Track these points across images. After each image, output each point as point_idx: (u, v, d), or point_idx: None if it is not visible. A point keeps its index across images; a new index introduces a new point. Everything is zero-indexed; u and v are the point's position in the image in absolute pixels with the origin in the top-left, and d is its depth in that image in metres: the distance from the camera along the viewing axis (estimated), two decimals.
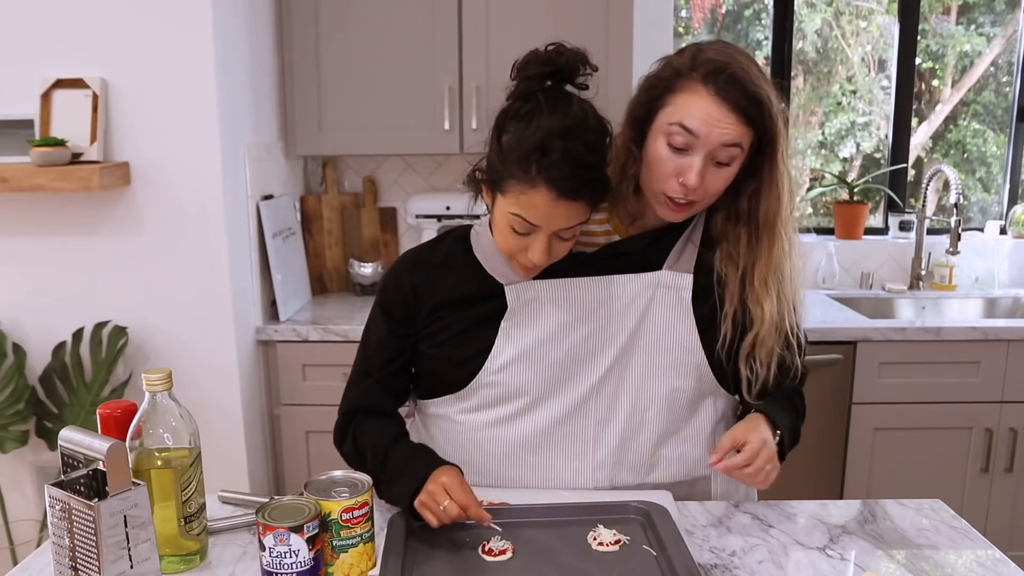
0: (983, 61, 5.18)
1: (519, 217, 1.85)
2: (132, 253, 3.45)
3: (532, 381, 2.02)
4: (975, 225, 5.07)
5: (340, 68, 4.06)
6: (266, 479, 3.91)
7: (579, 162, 1.80)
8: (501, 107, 1.89)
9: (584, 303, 2.02)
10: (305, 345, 3.79)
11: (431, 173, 4.64)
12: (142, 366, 3.52)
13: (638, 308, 2.03)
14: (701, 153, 1.86)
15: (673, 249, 2.06)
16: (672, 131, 1.87)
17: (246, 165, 3.65)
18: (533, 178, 1.79)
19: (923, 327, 3.87)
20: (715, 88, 1.83)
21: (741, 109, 1.84)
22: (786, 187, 1.95)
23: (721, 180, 1.92)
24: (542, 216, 1.84)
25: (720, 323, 2.02)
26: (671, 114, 1.88)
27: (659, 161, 1.91)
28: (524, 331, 2.02)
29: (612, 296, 2.03)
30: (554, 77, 1.86)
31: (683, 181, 1.89)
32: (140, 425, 1.70)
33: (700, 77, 1.85)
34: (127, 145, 3.36)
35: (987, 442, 3.95)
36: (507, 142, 1.83)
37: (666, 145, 1.89)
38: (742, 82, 1.83)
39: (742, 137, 1.87)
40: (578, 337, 2.02)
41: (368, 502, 1.71)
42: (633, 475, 2.07)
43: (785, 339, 2.04)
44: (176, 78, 3.32)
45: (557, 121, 1.79)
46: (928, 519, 2.03)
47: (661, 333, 2.04)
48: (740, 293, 2.01)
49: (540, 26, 3.97)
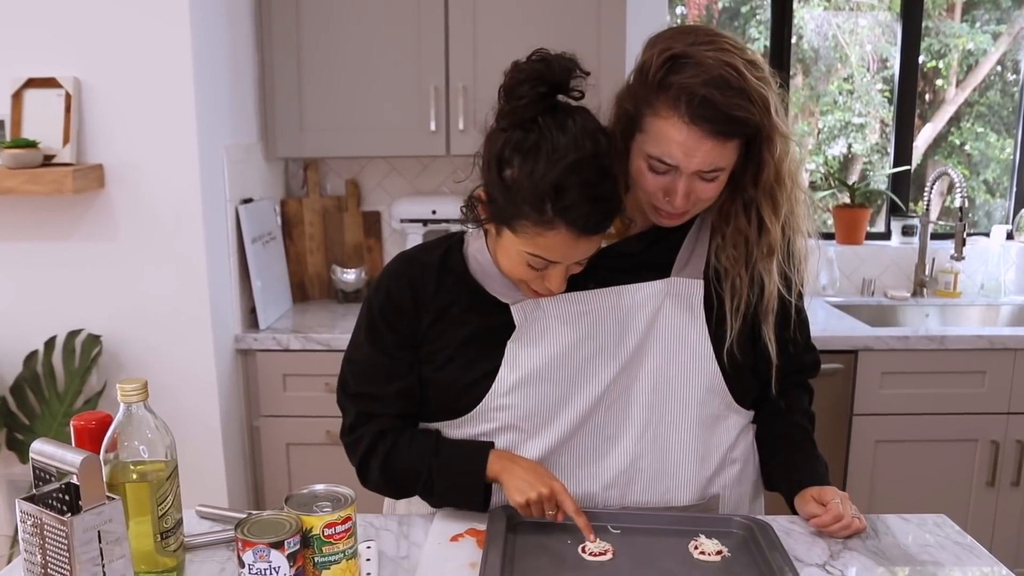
0: (988, 60, 5.20)
1: (536, 256, 1.84)
2: (106, 259, 3.44)
3: (542, 402, 2.00)
4: (981, 230, 5.08)
5: (322, 66, 4.06)
6: (245, 493, 3.90)
7: (596, 197, 1.78)
8: (491, 129, 1.86)
9: (592, 317, 2.00)
10: (286, 354, 3.79)
11: (416, 176, 4.64)
12: (117, 376, 3.52)
13: (646, 318, 2.01)
14: (684, 176, 1.85)
15: (680, 252, 2.05)
16: (651, 161, 1.86)
17: (225, 167, 3.65)
18: (551, 220, 1.77)
19: (927, 335, 3.87)
20: (689, 115, 1.79)
21: (720, 133, 1.81)
22: (787, 157, 1.93)
23: (712, 189, 1.91)
24: (561, 255, 1.84)
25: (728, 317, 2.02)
26: (648, 143, 1.86)
27: (643, 178, 1.90)
28: (532, 351, 2.00)
29: (621, 307, 2.01)
30: (547, 95, 1.81)
31: (669, 200, 1.89)
32: (115, 437, 1.70)
33: (671, 101, 1.81)
34: (101, 147, 3.36)
35: (993, 455, 3.96)
36: (513, 179, 1.80)
37: (647, 168, 1.88)
38: (718, 105, 1.78)
39: (725, 156, 1.86)
40: (587, 352, 2.00)
41: (351, 517, 1.71)
42: (645, 497, 2.05)
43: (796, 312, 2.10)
44: (152, 77, 3.32)
45: (566, 154, 1.76)
46: (932, 535, 2.03)
47: (672, 344, 2.02)
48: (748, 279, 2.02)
49: (530, 23, 3.98)
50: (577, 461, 2.04)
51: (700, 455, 2.06)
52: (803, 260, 2.08)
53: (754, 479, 2.21)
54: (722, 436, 2.10)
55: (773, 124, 1.87)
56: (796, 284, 2.08)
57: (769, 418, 2.20)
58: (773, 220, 1.97)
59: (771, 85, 1.87)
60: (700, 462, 2.07)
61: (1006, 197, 5.10)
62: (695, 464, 2.06)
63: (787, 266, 2.05)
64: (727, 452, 2.11)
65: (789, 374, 2.16)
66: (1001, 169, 5.16)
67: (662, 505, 2.05)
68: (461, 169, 1.97)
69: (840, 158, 5.29)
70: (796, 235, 2.04)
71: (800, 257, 2.07)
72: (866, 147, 5.22)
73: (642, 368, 2.02)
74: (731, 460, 2.12)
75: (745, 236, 2.00)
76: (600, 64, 3.81)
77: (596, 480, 2.04)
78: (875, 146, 5.22)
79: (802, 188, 2.02)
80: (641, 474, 2.04)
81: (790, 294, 2.07)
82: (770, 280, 2.01)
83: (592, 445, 2.03)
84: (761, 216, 1.98)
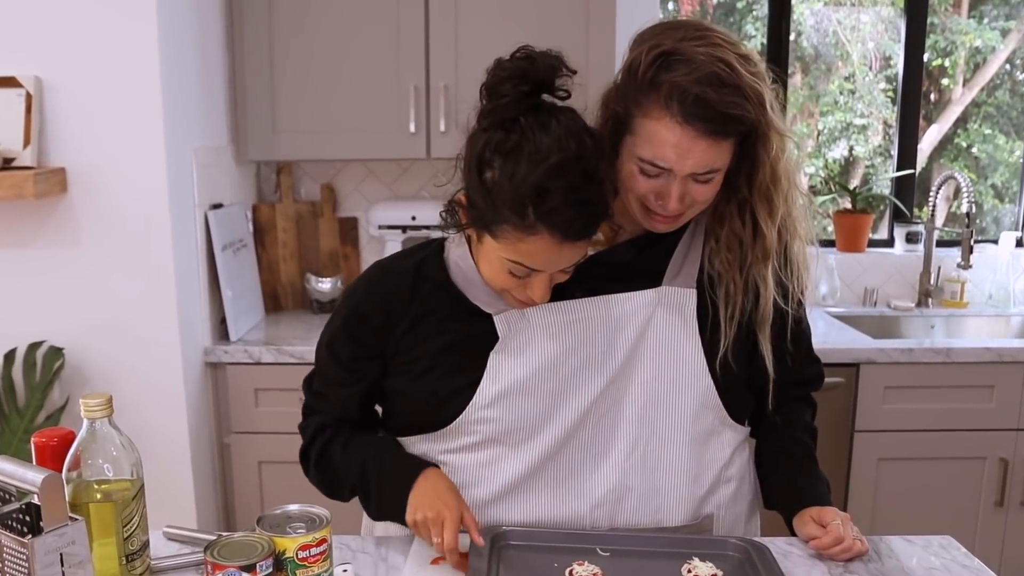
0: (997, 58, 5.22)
1: (518, 264, 1.84)
2: (69, 267, 3.44)
3: (526, 416, 1.99)
4: (989, 237, 5.08)
5: (296, 65, 4.06)
6: (215, 513, 3.90)
7: (581, 201, 1.78)
8: (473, 130, 1.86)
9: (580, 328, 2.00)
10: (257, 368, 3.80)
11: (395, 180, 4.64)
12: (80, 390, 3.51)
13: (635, 329, 2.01)
14: (677, 179, 1.86)
15: (672, 259, 2.06)
16: (642, 165, 1.87)
17: (193, 171, 3.65)
18: (532, 224, 1.77)
19: (932, 348, 3.88)
20: (682, 115, 1.80)
21: (715, 132, 1.82)
22: (784, 155, 1.94)
23: (707, 191, 1.91)
24: (544, 262, 1.84)
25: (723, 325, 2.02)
26: (638, 146, 1.87)
27: (634, 182, 1.90)
28: (516, 362, 1.99)
29: (610, 318, 2.01)
30: (531, 94, 1.81)
31: (662, 204, 1.90)
32: (78, 455, 1.70)
33: (662, 101, 1.82)
34: (64, 149, 3.36)
35: (1002, 473, 3.97)
36: (494, 181, 1.80)
37: (639, 171, 1.88)
38: (712, 104, 1.79)
39: (720, 157, 1.87)
40: (574, 364, 1.99)
41: (326, 538, 1.72)
42: (635, 517, 2.05)
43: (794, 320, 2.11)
44: (117, 76, 3.32)
45: (549, 155, 1.76)
46: (938, 557, 2.03)
47: (663, 357, 2.02)
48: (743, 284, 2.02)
49: (515, 19, 3.99)
50: (563, 479, 2.03)
51: (693, 473, 2.07)
52: (802, 266, 2.08)
53: (750, 499, 2.22)
54: (716, 453, 2.10)
55: (769, 121, 1.87)
56: (795, 292, 2.08)
57: (768, 433, 2.21)
58: (769, 223, 1.97)
59: (765, 80, 1.87)
60: (693, 480, 2.07)
61: (1015, 202, 5.11)
62: (687, 482, 2.06)
63: (784, 272, 2.05)
64: (722, 470, 2.11)
65: (789, 387, 2.17)
66: (1010, 173, 5.18)
67: (653, 526, 2.05)
68: (442, 173, 1.96)
69: (841, 161, 5.31)
70: (793, 239, 2.05)
71: (799, 263, 2.07)
72: (868, 150, 5.24)
73: (631, 381, 2.02)
74: (726, 479, 2.12)
75: (740, 239, 2.00)
76: (588, 62, 3.82)
77: (583, 499, 2.03)
78: (877, 149, 5.24)
79: (800, 189, 2.03)
80: (631, 493, 2.04)
81: (786, 302, 2.07)
82: (765, 287, 2.01)
83: (578, 462, 2.03)
84: (756, 218, 1.98)
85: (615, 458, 2.03)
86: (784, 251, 2.05)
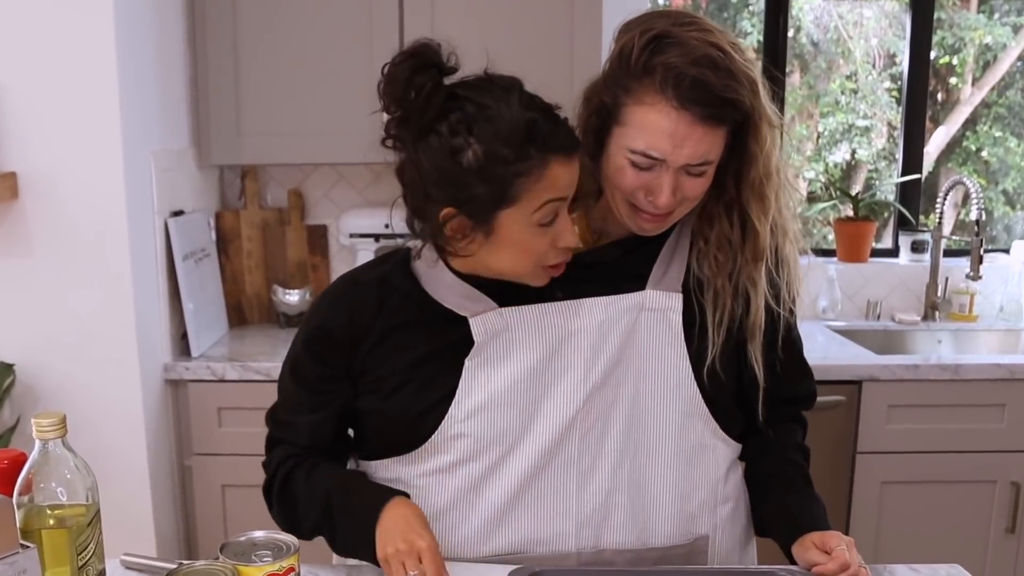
0: (1008, 56, 5.23)
1: (552, 201, 1.85)
2: (20, 278, 3.43)
3: (505, 428, 1.99)
4: (1000, 246, 5.07)
5: (262, 63, 4.06)
6: (176, 540, 3.90)
7: (553, 117, 1.86)
8: (406, 151, 2.01)
9: (560, 332, 2.00)
10: (221, 385, 3.79)
11: (367, 186, 4.65)
12: (32, 410, 3.48)
13: (619, 335, 2.02)
14: (670, 170, 1.88)
15: (657, 262, 2.06)
16: (633, 157, 1.89)
17: (152, 176, 3.65)
18: (541, 158, 1.81)
19: (939, 364, 3.89)
20: (678, 99, 1.82)
21: (712, 117, 1.85)
22: (776, 148, 1.97)
23: (699, 186, 1.94)
24: (565, 186, 1.86)
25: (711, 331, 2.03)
26: (629, 136, 1.89)
27: (623, 177, 1.92)
28: (494, 370, 1.99)
29: (592, 322, 2.01)
30: (438, 77, 1.86)
31: (652, 200, 1.91)
32: (29, 478, 1.70)
33: (656, 85, 1.84)
34: (14, 153, 3.35)
35: (1013, 497, 3.97)
36: (479, 155, 1.82)
37: (629, 164, 1.90)
38: (710, 86, 1.82)
39: (715, 146, 1.89)
40: (555, 372, 2.00)
41: (294, 567, 1.72)
42: (623, 537, 2.05)
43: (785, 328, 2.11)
44: (71, 75, 3.32)
45: (508, 96, 1.83)
46: None
47: (647, 364, 2.03)
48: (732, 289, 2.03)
49: (494, 16, 3.99)
50: (546, 497, 2.03)
51: (682, 490, 2.07)
52: (794, 267, 2.10)
53: (745, 522, 2.23)
54: (708, 469, 2.10)
55: (761, 110, 1.91)
56: (786, 295, 2.10)
57: (757, 454, 2.21)
58: (762, 220, 1.99)
59: (756, 68, 1.91)
60: (682, 497, 2.08)
61: None
62: (677, 499, 2.07)
63: (777, 272, 2.07)
64: (716, 487, 2.12)
65: (779, 404, 2.18)
66: (1022, 178, 5.19)
67: (641, 546, 2.05)
68: None
69: (842, 165, 5.33)
70: (784, 238, 2.07)
71: (790, 264, 2.09)
72: (871, 153, 5.25)
73: (616, 391, 2.02)
74: (723, 498, 2.13)
75: (729, 240, 2.02)
76: (573, 59, 3.85)
77: (567, 519, 2.03)
78: (881, 152, 5.26)
79: (791, 185, 2.05)
80: (617, 511, 2.04)
81: (779, 305, 2.08)
82: (756, 292, 2.03)
83: (562, 479, 2.02)
84: (747, 216, 2.00)
85: (600, 474, 2.03)
86: (776, 252, 2.06)
